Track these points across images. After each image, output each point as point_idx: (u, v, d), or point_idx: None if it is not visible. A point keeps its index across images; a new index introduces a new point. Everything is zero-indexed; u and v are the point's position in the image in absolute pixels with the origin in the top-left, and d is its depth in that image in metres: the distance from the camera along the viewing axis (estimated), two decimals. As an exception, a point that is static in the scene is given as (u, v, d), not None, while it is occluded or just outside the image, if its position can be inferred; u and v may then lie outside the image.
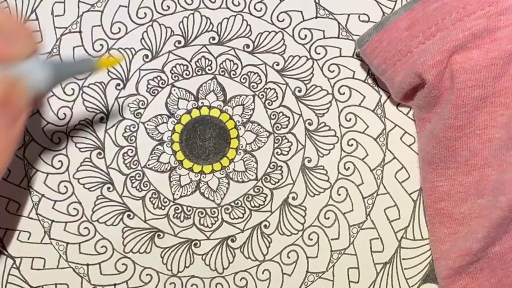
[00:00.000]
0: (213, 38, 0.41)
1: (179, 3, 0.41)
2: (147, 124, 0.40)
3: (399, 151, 0.40)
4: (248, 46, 0.41)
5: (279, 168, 0.40)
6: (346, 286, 0.39)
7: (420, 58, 0.35)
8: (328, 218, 0.40)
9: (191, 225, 0.40)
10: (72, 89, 0.41)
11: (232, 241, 0.40)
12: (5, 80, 0.26)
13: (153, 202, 0.40)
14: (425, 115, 0.37)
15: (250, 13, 0.41)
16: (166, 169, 0.40)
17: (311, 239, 0.40)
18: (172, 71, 0.40)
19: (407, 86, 0.36)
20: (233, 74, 0.41)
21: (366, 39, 0.37)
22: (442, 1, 0.34)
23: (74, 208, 0.40)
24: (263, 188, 0.40)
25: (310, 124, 0.40)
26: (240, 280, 0.39)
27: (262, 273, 0.39)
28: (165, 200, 0.40)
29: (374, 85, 0.41)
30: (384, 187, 0.40)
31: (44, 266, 0.40)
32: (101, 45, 0.41)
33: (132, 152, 0.40)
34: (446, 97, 0.35)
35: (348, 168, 0.40)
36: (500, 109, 0.34)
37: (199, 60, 0.41)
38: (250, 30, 0.41)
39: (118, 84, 0.41)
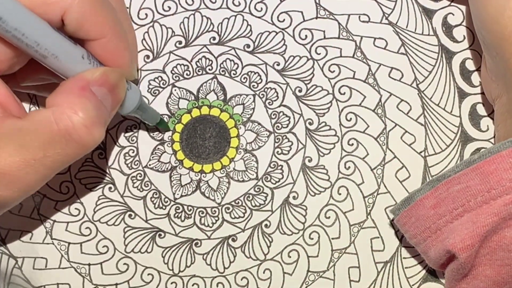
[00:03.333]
0: (214, 38, 0.41)
1: (179, 3, 0.42)
2: (148, 124, 0.40)
3: (400, 150, 0.40)
4: (248, 46, 0.41)
5: (279, 167, 0.40)
6: (347, 285, 0.39)
7: (449, 237, 0.34)
8: (329, 217, 0.40)
9: (192, 225, 0.40)
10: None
11: (233, 240, 0.40)
12: (118, 71, 0.32)
13: (154, 202, 0.40)
14: (454, 284, 0.36)
15: (251, 13, 0.41)
16: (167, 168, 0.40)
17: (312, 239, 0.40)
18: (173, 71, 0.41)
19: (442, 259, 0.36)
20: (234, 74, 0.41)
21: (397, 213, 0.37)
22: (465, 183, 0.33)
23: (75, 208, 0.40)
24: (263, 187, 0.40)
25: (310, 123, 0.41)
26: (241, 279, 0.39)
27: (263, 272, 0.39)
28: (166, 199, 0.40)
29: (374, 85, 0.41)
30: (385, 186, 0.40)
31: (46, 266, 0.40)
32: (103, 46, 0.41)
33: (133, 152, 0.40)
34: (481, 272, 0.34)
35: (349, 167, 0.40)
36: None
37: (200, 60, 0.41)
38: (251, 30, 0.41)
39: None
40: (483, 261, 0.34)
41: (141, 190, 0.40)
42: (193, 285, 0.39)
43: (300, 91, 0.41)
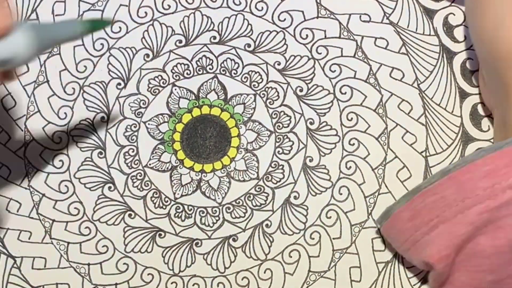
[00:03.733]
0: (214, 38, 0.41)
1: (180, 2, 0.41)
2: (148, 124, 0.40)
3: (401, 150, 0.40)
4: (249, 45, 0.41)
5: (280, 167, 0.40)
6: (348, 285, 0.39)
7: (426, 249, 0.35)
8: (330, 217, 0.40)
9: (192, 225, 0.40)
10: (73, 88, 0.41)
11: (234, 240, 0.40)
12: None
13: (154, 201, 0.40)
14: None
15: (251, 13, 0.41)
16: (167, 168, 0.40)
17: (313, 238, 0.40)
18: (173, 70, 0.40)
19: (424, 268, 0.36)
20: (234, 73, 0.41)
21: (380, 224, 0.38)
22: (440, 194, 0.34)
23: (75, 208, 0.40)
24: (264, 187, 0.40)
25: (311, 123, 0.40)
26: (242, 279, 0.39)
27: (264, 272, 0.39)
28: (166, 199, 0.40)
29: (375, 85, 0.41)
30: (386, 186, 0.40)
31: (45, 266, 0.39)
32: (102, 44, 0.41)
33: (133, 151, 0.40)
34: (456, 278, 0.35)
35: (350, 167, 0.40)
36: None
37: (200, 59, 0.41)
38: (251, 29, 0.41)
39: (119, 84, 0.41)
40: (459, 268, 0.34)
41: (141, 189, 0.40)
42: (193, 285, 0.39)
43: (301, 90, 0.41)
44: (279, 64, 0.41)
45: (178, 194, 0.40)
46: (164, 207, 0.40)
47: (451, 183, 0.33)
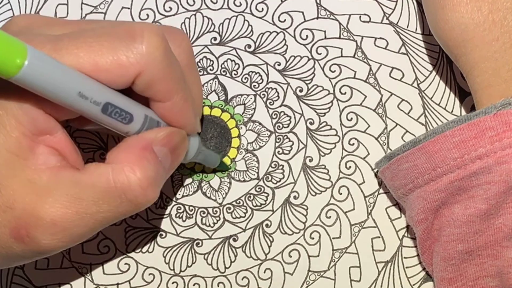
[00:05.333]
0: (215, 39, 0.41)
1: (181, 4, 0.42)
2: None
3: (401, 150, 0.40)
4: (249, 46, 0.41)
5: (280, 167, 0.40)
6: (347, 285, 0.39)
7: (407, 211, 0.37)
8: (330, 217, 0.40)
9: (193, 225, 0.40)
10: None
11: (234, 240, 0.40)
12: (182, 133, 0.32)
13: (156, 201, 0.40)
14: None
15: (252, 14, 0.42)
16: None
17: (313, 238, 0.40)
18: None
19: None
20: (235, 74, 0.41)
21: (378, 166, 0.39)
22: (413, 162, 0.35)
23: (77, 208, 0.40)
24: (264, 187, 0.40)
25: (311, 123, 0.41)
26: (242, 279, 0.39)
27: (264, 272, 0.39)
28: (167, 199, 0.40)
29: (375, 85, 0.41)
30: (386, 186, 0.40)
31: (47, 266, 0.40)
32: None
33: (134, 152, 0.40)
34: (430, 247, 0.36)
35: (350, 167, 0.40)
36: (489, 260, 0.34)
37: (201, 60, 0.41)
38: (252, 30, 0.41)
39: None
40: (434, 236, 0.36)
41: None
42: (194, 285, 0.39)
43: (301, 91, 0.41)
44: (279, 65, 0.41)
45: (179, 194, 0.40)
46: (165, 207, 0.40)
47: (422, 153, 0.34)
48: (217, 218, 0.40)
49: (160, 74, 0.29)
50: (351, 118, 0.41)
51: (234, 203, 0.40)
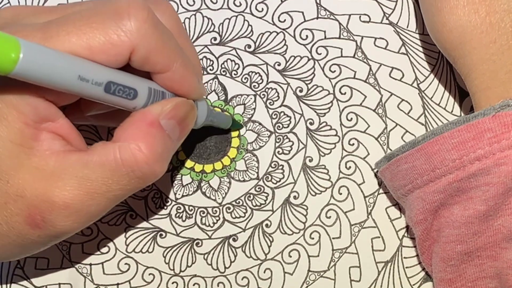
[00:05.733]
0: (215, 39, 0.41)
1: (181, 4, 0.42)
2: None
3: (401, 150, 0.40)
4: (249, 46, 0.41)
5: (280, 167, 0.40)
6: (347, 285, 0.39)
7: (407, 211, 0.37)
8: (330, 217, 0.40)
9: (193, 225, 0.40)
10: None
11: (234, 240, 0.40)
12: (189, 103, 0.32)
13: (155, 201, 0.40)
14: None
15: (252, 14, 0.42)
16: (168, 168, 0.40)
17: (313, 238, 0.40)
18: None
19: None
20: (235, 74, 0.41)
21: (379, 166, 0.39)
22: (412, 163, 0.35)
23: (77, 208, 0.40)
24: (264, 187, 0.40)
25: (311, 123, 0.41)
26: (242, 279, 0.39)
27: (264, 272, 0.39)
28: (167, 199, 0.40)
29: (375, 85, 0.41)
30: (385, 186, 0.40)
31: (47, 266, 0.40)
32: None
33: (134, 152, 0.40)
34: (429, 247, 0.36)
35: (350, 167, 0.40)
36: (488, 262, 0.34)
37: (201, 61, 0.41)
38: (252, 30, 0.41)
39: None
40: (433, 237, 0.36)
41: (142, 190, 0.40)
42: (194, 285, 0.39)
43: (301, 91, 0.41)
44: (279, 65, 0.41)
45: (178, 194, 0.40)
46: (165, 207, 0.40)
47: (421, 154, 0.34)
48: (217, 218, 0.40)
49: (154, 46, 0.29)
50: (351, 118, 0.41)
51: (234, 203, 0.40)
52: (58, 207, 0.28)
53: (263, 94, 0.41)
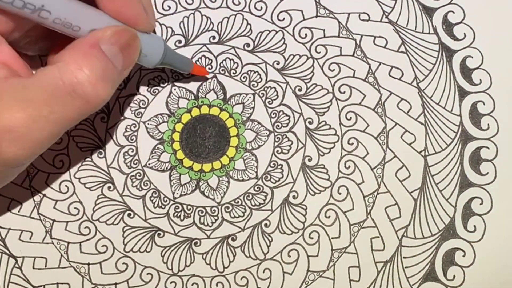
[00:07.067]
0: (214, 37, 0.41)
1: (179, 3, 0.42)
2: (148, 124, 0.40)
3: (400, 149, 0.40)
4: (248, 45, 0.41)
5: (279, 166, 0.40)
6: (347, 285, 0.39)
7: None
8: (329, 217, 0.40)
9: (191, 224, 0.40)
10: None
11: (233, 240, 0.40)
12: (131, 31, 0.32)
13: (154, 201, 0.40)
14: None
15: (251, 12, 0.41)
16: (167, 168, 0.40)
17: (312, 238, 0.40)
18: (173, 70, 0.41)
19: None
20: (233, 73, 0.41)
21: None
22: None
23: (75, 208, 0.40)
24: (263, 186, 0.40)
25: (310, 123, 0.40)
26: (241, 279, 0.39)
27: (263, 272, 0.39)
28: (165, 199, 0.40)
29: (374, 84, 0.41)
30: (385, 186, 0.40)
31: (45, 266, 0.40)
32: (102, 45, 0.41)
33: (132, 151, 0.40)
34: None
35: (349, 167, 0.40)
36: None
37: (200, 59, 0.41)
38: (251, 29, 0.41)
39: (119, 84, 0.41)
40: None
41: (140, 189, 0.40)
42: (192, 284, 0.39)
43: (300, 90, 0.41)
44: (278, 64, 0.41)
45: (177, 193, 0.40)
46: (163, 206, 0.40)
47: None
48: (216, 218, 0.40)
49: None
50: (350, 118, 0.40)
51: (232, 202, 0.40)
52: (0, 131, 0.28)
53: (262, 93, 0.41)
